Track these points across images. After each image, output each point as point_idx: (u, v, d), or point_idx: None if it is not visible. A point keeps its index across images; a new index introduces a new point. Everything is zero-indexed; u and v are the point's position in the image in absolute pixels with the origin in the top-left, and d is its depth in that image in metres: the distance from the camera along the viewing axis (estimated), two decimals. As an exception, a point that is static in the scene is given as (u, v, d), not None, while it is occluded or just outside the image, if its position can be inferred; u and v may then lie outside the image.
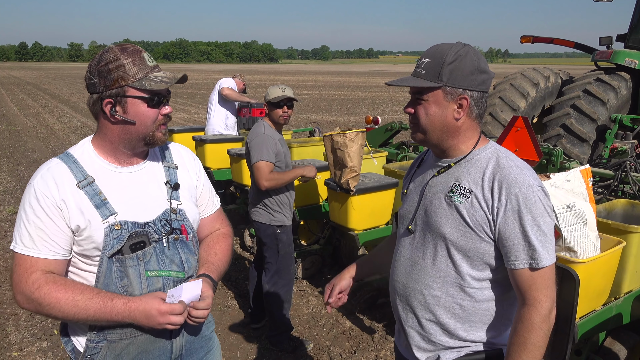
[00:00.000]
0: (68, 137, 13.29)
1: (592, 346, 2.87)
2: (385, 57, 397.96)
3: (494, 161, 1.43)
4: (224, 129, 6.34)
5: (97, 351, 1.50)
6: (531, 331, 1.37)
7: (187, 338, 1.62)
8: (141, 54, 1.46)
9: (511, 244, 1.38)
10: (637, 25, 6.98)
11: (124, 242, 1.45)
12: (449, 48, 1.43)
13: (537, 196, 1.37)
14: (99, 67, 1.43)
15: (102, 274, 1.46)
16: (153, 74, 1.46)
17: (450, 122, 1.44)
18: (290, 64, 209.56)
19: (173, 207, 1.57)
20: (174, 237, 1.55)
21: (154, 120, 1.48)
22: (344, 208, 3.78)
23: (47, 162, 1.51)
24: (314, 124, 7.61)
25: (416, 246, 1.55)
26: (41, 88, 33.62)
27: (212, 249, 1.72)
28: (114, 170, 1.52)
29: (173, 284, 1.54)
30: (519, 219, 1.36)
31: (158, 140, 1.52)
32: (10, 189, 7.99)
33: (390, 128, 6.09)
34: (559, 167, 4.07)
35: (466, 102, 1.42)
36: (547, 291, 1.38)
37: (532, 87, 6.77)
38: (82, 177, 1.46)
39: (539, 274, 1.37)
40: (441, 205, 1.48)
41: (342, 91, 32.77)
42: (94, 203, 1.45)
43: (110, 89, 1.43)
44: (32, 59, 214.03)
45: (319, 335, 3.78)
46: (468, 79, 1.41)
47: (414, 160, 1.72)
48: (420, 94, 1.45)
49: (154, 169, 1.60)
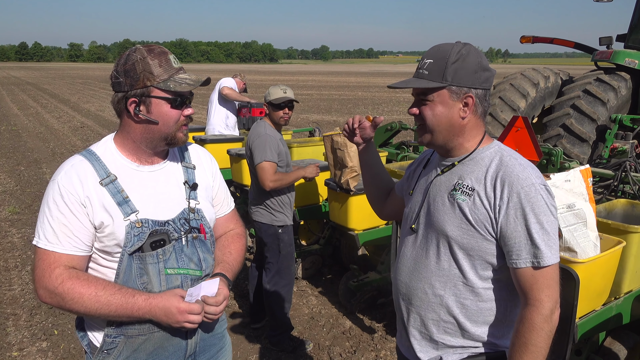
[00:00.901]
0: (68, 137, 13.30)
1: (592, 346, 2.87)
2: (385, 57, 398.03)
3: (497, 159, 1.43)
4: (224, 128, 6.34)
5: (114, 346, 1.51)
6: (532, 332, 1.36)
7: (201, 335, 1.64)
8: (167, 56, 1.49)
9: (513, 242, 1.38)
10: (637, 25, 6.98)
11: (144, 240, 1.48)
12: (451, 48, 1.43)
13: (539, 194, 1.36)
14: (125, 67, 1.46)
15: (122, 270, 1.48)
16: (178, 75, 1.49)
17: (456, 121, 1.45)
18: (290, 64, 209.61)
19: (191, 207, 1.60)
20: (192, 235, 1.58)
21: (176, 121, 1.51)
22: (344, 208, 3.78)
23: (70, 159, 1.53)
24: (314, 124, 7.62)
25: (419, 245, 1.55)
26: (41, 88, 33.63)
27: (227, 249, 1.76)
28: (135, 169, 1.54)
29: (191, 282, 1.56)
30: (521, 217, 1.36)
31: (179, 140, 1.54)
32: (10, 189, 7.99)
33: (390, 128, 6.09)
34: (559, 167, 4.07)
35: (472, 101, 1.43)
36: (549, 291, 1.37)
37: (532, 87, 6.77)
38: (105, 174, 1.49)
39: (541, 273, 1.37)
40: (444, 204, 1.48)
41: (342, 91, 32.78)
42: (116, 201, 1.47)
43: (136, 89, 1.45)
44: (32, 59, 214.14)
45: (319, 335, 3.79)
46: (472, 77, 1.42)
47: (418, 161, 1.71)
48: (425, 94, 1.45)
49: (173, 168, 1.62)
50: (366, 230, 3.88)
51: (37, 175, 8.94)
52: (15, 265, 5.03)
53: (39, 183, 8.34)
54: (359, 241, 3.85)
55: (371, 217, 3.89)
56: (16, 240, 5.68)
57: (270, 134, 3.36)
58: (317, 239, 4.92)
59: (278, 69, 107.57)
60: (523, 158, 1.46)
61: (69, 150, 11.28)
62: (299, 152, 5.15)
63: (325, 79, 51.76)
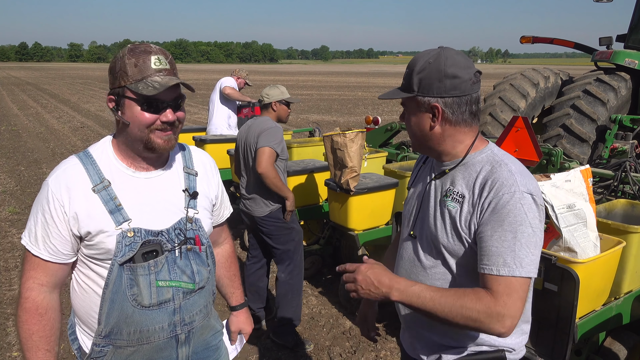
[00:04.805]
0: (68, 137, 13.29)
1: (592, 346, 2.87)
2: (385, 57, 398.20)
3: (488, 165, 1.41)
4: (226, 128, 6.33)
5: (102, 355, 1.49)
6: (474, 301, 1.29)
7: (193, 348, 1.61)
8: (149, 56, 1.41)
9: (481, 246, 1.34)
10: (637, 25, 6.98)
11: (136, 250, 1.43)
12: (422, 56, 1.42)
13: (519, 203, 1.31)
14: (110, 65, 1.45)
15: (111, 280, 1.44)
16: (152, 77, 1.40)
17: (427, 131, 1.44)
18: (290, 64, 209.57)
19: (189, 216, 1.54)
20: (186, 247, 1.52)
21: (147, 125, 1.42)
22: (344, 208, 3.78)
23: (65, 161, 1.50)
24: (314, 124, 7.61)
25: (415, 248, 1.56)
26: (41, 88, 33.63)
27: (232, 272, 1.91)
28: (131, 175, 1.49)
29: (183, 295, 1.52)
30: (494, 223, 1.32)
31: (157, 146, 1.44)
32: (10, 189, 7.99)
33: (390, 128, 6.09)
34: (559, 167, 4.07)
35: (438, 111, 1.40)
36: (508, 300, 1.28)
37: (532, 87, 6.77)
38: (99, 180, 1.45)
39: (505, 282, 1.29)
40: (436, 210, 1.48)
41: (342, 91, 32.77)
42: (108, 208, 1.43)
43: (114, 87, 1.44)
44: (32, 59, 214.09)
45: (319, 335, 3.78)
46: (435, 86, 1.39)
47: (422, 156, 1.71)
48: (404, 105, 1.48)
49: (172, 175, 1.56)
50: (366, 230, 3.89)
51: (37, 175, 8.94)
52: (15, 265, 5.03)
53: (39, 183, 8.33)
54: (359, 241, 3.85)
55: (371, 217, 3.90)
56: (16, 241, 5.68)
57: (280, 127, 3.44)
58: (317, 239, 4.92)
59: (278, 69, 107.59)
60: (516, 163, 1.42)
61: (69, 151, 11.28)
62: (299, 152, 5.15)
63: (325, 79, 51.77)
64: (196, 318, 1.59)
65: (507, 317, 1.28)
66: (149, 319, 1.47)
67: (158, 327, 1.49)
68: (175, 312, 1.51)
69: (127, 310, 1.45)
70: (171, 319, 1.51)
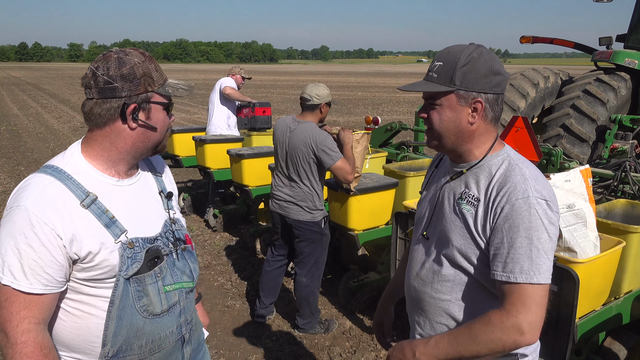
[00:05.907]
0: (68, 137, 13.30)
1: (592, 346, 2.88)
2: (385, 57, 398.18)
3: (503, 169, 1.39)
4: (226, 128, 6.33)
5: None
6: (485, 325, 1.29)
7: (192, 345, 1.64)
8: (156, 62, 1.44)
9: (494, 252, 1.33)
10: (637, 25, 6.99)
11: (142, 261, 1.38)
12: (462, 50, 1.39)
13: (533, 208, 1.29)
14: (122, 71, 1.33)
15: (117, 297, 1.36)
16: (169, 81, 1.45)
17: (464, 127, 1.40)
18: (290, 64, 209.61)
19: (171, 217, 1.54)
20: (181, 247, 1.53)
21: (167, 128, 1.46)
22: (344, 208, 3.78)
23: (36, 181, 1.32)
24: (314, 124, 7.60)
25: (427, 250, 1.54)
26: (41, 88, 33.63)
27: None
28: (114, 184, 1.42)
29: (185, 295, 1.53)
30: (508, 229, 1.30)
31: (164, 147, 1.50)
32: (10, 189, 7.99)
33: (390, 128, 6.09)
34: (558, 167, 4.07)
35: (481, 106, 1.38)
36: (523, 310, 1.26)
37: (532, 88, 6.77)
38: (84, 194, 1.33)
39: (519, 289, 1.28)
40: (450, 212, 1.46)
41: (342, 91, 32.76)
42: (103, 223, 1.34)
43: (137, 94, 1.36)
44: (32, 59, 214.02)
45: (319, 335, 3.79)
46: (482, 81, 1.37)
47: (435, 160, 1.69)
48: (434, 98, 1.41)
49: (146, 179, 1.55)
50: (366, 230, 3.89)
51: (37, 175, 8.95)
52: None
53: (39, 183, 8.33)
54: (359, 241, 3.85)
55: (371, 217, 3.90)
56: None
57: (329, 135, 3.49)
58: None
59: (278, 69, 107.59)
60: (531, 167, 1.40)
61: (69, 151, 11.28)
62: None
63: (325, 79, 51.74)
64: (193, 315, 1.63)
65: (523, 323, 1.26)
66: (160, 327, 1.46)
67: (168, 332, 1.49)
68: (181, 314, 1.52)
69: (137, 323, 1.41)
70: (178, 321, 1.52)
